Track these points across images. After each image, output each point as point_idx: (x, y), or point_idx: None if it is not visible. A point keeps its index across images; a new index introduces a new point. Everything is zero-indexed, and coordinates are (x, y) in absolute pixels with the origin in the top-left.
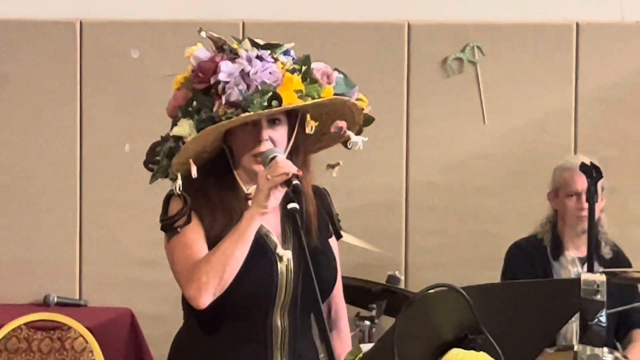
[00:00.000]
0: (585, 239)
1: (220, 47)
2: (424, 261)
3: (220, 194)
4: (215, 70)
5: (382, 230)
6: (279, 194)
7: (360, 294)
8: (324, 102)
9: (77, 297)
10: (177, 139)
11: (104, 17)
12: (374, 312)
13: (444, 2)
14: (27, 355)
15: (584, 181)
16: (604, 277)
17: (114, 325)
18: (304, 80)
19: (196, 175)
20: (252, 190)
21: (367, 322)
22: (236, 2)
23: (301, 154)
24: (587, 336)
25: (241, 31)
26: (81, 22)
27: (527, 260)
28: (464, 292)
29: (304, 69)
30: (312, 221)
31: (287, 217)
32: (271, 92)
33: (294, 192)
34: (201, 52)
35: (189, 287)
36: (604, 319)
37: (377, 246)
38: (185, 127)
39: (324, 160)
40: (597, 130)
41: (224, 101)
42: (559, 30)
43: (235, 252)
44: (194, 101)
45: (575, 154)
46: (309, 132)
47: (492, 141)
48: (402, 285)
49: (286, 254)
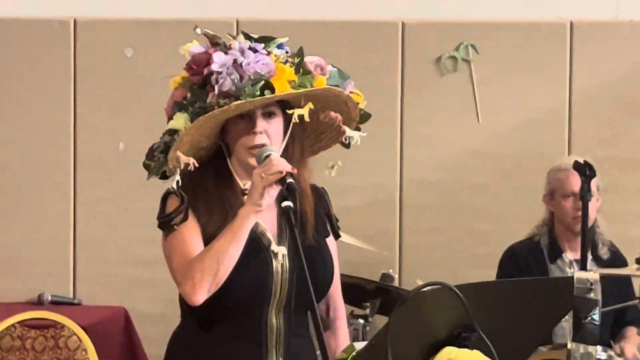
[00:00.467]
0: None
1: (215, 43)
2: (417, 260)
3: (217, 189)
4: (208, 61)
5: (376, 228)
6: (274, 192)
7: (354, 292)
8: (317, 92)
9: (71, 296)
10: (172, 132)
11: (98, 15)
12: (368, 311)
13: (438, 1)
14: (20, 353)
15: (580, 181)
16: (597, 275)
17: (108, 323)
18: (296, 71)
19: (191, 168)
20: (248, 185)
21: (361, 321)
22: (230, 1)
23: (297, 150)
24: (581, 334)
25: (235, 29)
26: (75, 20)
27: (522, 264)
28: (457, 291)
29: (297, 60)
30: (308, 218)
31: (283, 215)
32: (263, 81)
33: (288, 191)
34: (197, 48)
35: (184, 284)
36: (597, 317)
37: (371, 244)
38: (180, 120)
39: (321, 158)
40: (591, 128)
41: (216, 91)
42: (553, 28)
43: (229, 250)
44: (189, 94)
45: (569, 154)
46: (301, 117)
47: (486, 140)
48: (396, 283)
49: (281, 250)
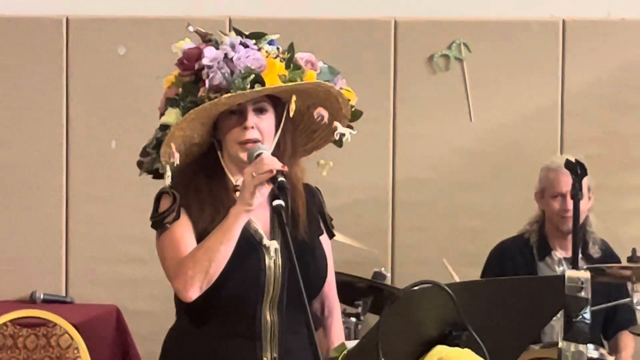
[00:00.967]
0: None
1: (207, 40)
2: (410, 258)
3: (209, 187)
4: (199, 56)
5: (369, 226)
6: (265, 190)
7: (346, 290)
8: (307, 86)
9: (64, 294)
10: (164, 127)
11: (90, 13)
12: (360, 309)
13: None
14: (12, 352)
15: (569, 182)
16: (588, 274)
17: (100, 322)
18: (287, 66)
19: (178, 162)
20: (240, 182)
21: (353, 319)
22: None
23: (289, 147)
24: (572, 333)
25: (227, 27)
26: (67, 18)
27: (508, 261)
28: (448, 289)
29: (287, 56)
30: (300, 216)
31: (273, 213)
32: (254, 75)
33: (279, 189)
34: (189, 46)
35: (176, 281)
36: (588, 316)
37: (363, 243)
38: (172, 115)
39: (313, 156)
40: (583, 127)
41: (207, 85)
42: (546, 27)
43: (220, 248)
44: (181, 89)
45: (561, 152)
46: (292, 110)
47: (478, 138)
48: (388, 281)
49: (273, 245)
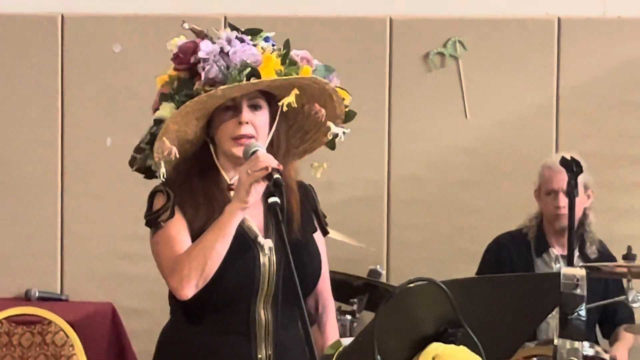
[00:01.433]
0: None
1: (202, 38)
2: (405, 255)
3: (203, 185)
4: (194, 50)
5: (364, 224)
6: (260, 188)
7: (341, 288)
8: (303, 81)
9: (59, 292)
10: (158, 121)
11: (85, 11)
12: (355, 307)
13: None
14: (7, 349)
15: (561, 180)
16: (583, 271)
17: (96, 319)
18: (283, 62)
19: (177, 156)
20: (234, 180)
21: (349, 317)
22: None
23: (283, 145)
24: (567, 330)
25: (223, 26)
26: (63, 16)
27: (504, 256)
28: (443, 286)
29: (283, 52)
30: (294, 213)
31: (269, 211)
32: (250, 68)
33: (275, 186)
34: (182, 43)
35: (172, 280)
36: (583, 313)
37: (358, 240)
38: (166, 109)
39: (308, 159)
40: (578, 125)
41: (203, 78)
42: (541, 25)
43: (215, 246)
44: (175, 83)
45: (556, 150)
46: (287, 110)
47: (473, 136)
48: (383, 279)
49: (267, 243)
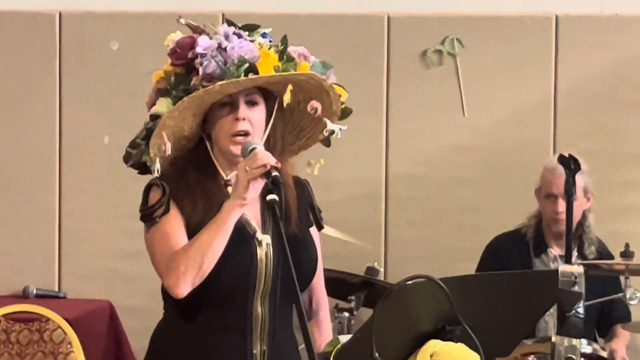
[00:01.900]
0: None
1: (199, 33)
2: (403, 253)
3: (199, 181)
4: (192, 45)
5: (362, 222)
6: (258, 185)
7: (339, 285)
8: (300, 77)
9: (57, 289)
10: (155, 117)
11: (83, 8)
12: (353, 304)
13: None
14: (5, 346)
15: (562, 185)
16: (581, 269)
17: (93, 317)
18: (280, 58)
19: (167, 153)
20: (231, 176)
21: (346, 314)
22: None
23: (279, 142)
24: (565, 327)
25: (220, 23)
26: (60, 13)
27: (503, 255)
28: (441, 284)
29: (281, 48)
30: (292, 210)
31: (267, 208)
32: (248, 64)
33: (273, 184)
34: (180, 38)
35: (168, 277)
36: (581, 311)
37: (356, 238)
38: (163, 105)
39: (304, 154)
40: (576, 122)
41: (200, 74)
42: (539, 22)
43: (213, 243)
44: (172, 78)
45: (554, 148)
46: (286, 101)
47: (471, 133)
48: (381, 277)
49: (265, 239)
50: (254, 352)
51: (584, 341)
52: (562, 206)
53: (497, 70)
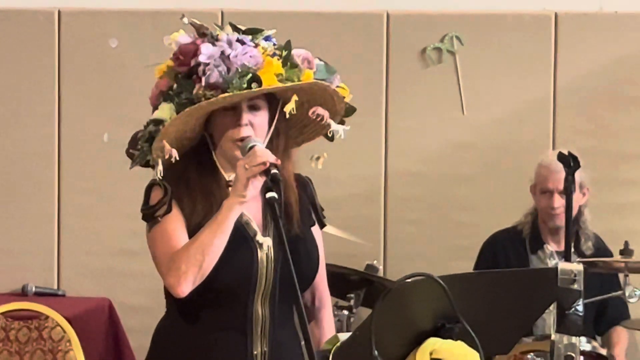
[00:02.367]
0: (564, 233)
1: (202, 33)
2: (402, 251)
3: (201, 181)
4: (195, 52)
5: (361, 219)
6: (258, 183)
7: (338, 283)
8: (304, 86)
9: (56, 287)
10: (157, 122)
11: (82, 6)
12: (352, 302)
13: None
14: (4, 344)
15: (557, 180)
16: (581, 267)
17: (93, 315)
18: (284, 65)
19: (176, 159)
20: (233, 177)
21: (345, 312)
22: None
23: (282, 142)
24: (564, 325)
25: (220, 20)
26: (59, 11)
27: (500, 252)
28: (441, 282)
29: (284, 53)
30: (293, 209)
31: (267, 206)
32: (251, 74)
33: (273, 182)
34: (183, 38)
35: (169, 276)
36: (581, 308)
37: (355, 236)
38: (165, 110)
39: (306, 150)
40: (575, 120)
41: (203, 83)
42: (538, 20)
43: (214, 242)
44: (175, 84)
45: (553, 146)
46: (288, 110)
47: (470, 131)
48: (380, 274)
49: (266, 242)
50: (255, 352)
51: (584, 339)
52: (557, 201)
53: (496, 68)
